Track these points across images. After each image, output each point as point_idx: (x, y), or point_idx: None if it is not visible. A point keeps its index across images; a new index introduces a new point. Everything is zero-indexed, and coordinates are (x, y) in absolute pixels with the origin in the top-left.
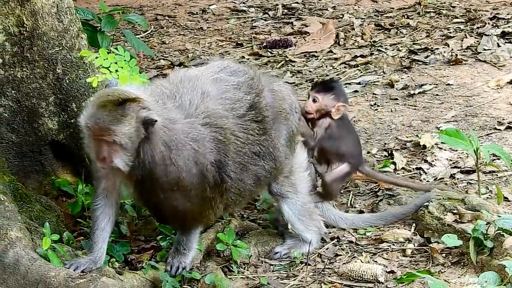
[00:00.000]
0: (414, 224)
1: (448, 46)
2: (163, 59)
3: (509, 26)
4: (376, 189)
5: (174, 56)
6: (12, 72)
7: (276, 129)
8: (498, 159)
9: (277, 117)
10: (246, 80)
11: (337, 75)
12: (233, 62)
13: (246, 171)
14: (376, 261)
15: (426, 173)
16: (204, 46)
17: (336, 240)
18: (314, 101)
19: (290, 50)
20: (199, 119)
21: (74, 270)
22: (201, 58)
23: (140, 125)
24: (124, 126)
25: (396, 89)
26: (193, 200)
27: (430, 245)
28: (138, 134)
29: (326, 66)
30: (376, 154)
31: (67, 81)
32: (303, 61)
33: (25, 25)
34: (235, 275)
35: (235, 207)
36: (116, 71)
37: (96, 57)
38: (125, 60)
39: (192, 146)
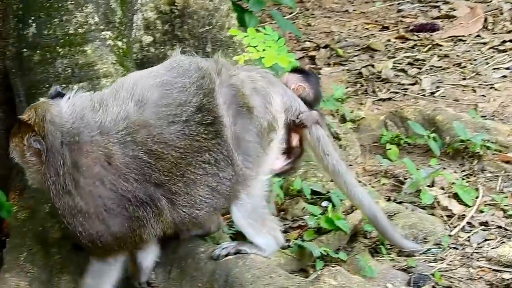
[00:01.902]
0: None
1: None
2: (309, 41)
3: None
4: None
5: (320, 38)
6: (163, 50)
7: (239, 127)
8: None
9: (238, 114)
10: (195, 80)
11: (485, 60)
12: (189, 58)
13: (194, 183)
14: None
15: None
16: (350, 29)
17: (484, 225)
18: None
19: (437, 34)
20: (116, 136)
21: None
22: (346, 40)
23: (30, 151)
24: (16, 153)
25: None
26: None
27: None
28: (32, 160)
29: (474, 51)
30: None
31: None
32: (451, 45)
33: (176, 3)
34: (383, 257)
35: (196, 221)
36: (264, 50)
37: (245, 36)
38: (273, 40)
39: (100, 169)
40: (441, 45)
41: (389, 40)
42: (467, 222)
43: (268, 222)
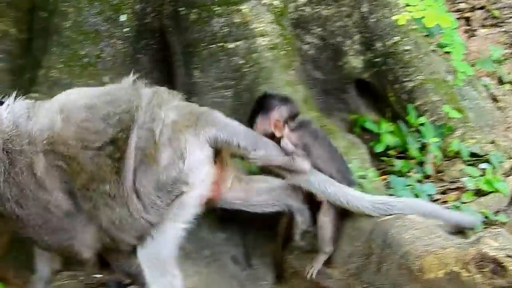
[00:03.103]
0: None
1: None
2: (464, 2)
3: None
4: None
5: (475, 0)
6: (318, 10)
7: (140, 174)
8: None
9: (143, 162)
10: (119, 112)
11: None
12: (129, 88)
13: (98, 210)
14: None
15: None
16: None
17: None
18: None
19: None
20: (40, 145)
21: None
22: (502, 1)
23: None
24: None
25: None
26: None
27: None
28: None
29: None
30: None
31: (373, 20)
32: None
33: None
34: None
35: (114, 247)
36: (424, 9)
37: None
38: None
39: (25, 178)
40: None
41: None
42: None
43: (169, 275)
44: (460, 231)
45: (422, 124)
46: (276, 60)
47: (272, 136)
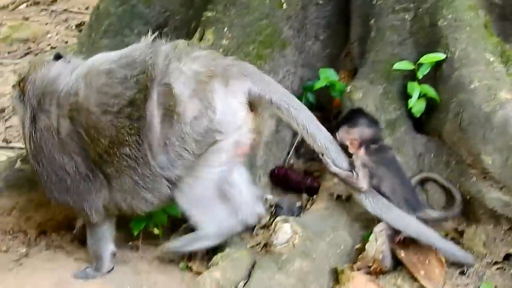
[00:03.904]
0: None
1: None
2: None
3: None
4: None
5: None
6: None
7: (165, 129)
8: None
9: (166, 116)
10: (136, 73)
11: None
12: (144, 48)
13: (121, 173)
14: None
15: None
16: None
17: None
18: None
19: None
20: (66, 109)
21: None
22: None
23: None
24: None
25: None
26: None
27: None
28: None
29: None
30: None
31: None
32: None
33: None
34: None
35: (133, 209)
36: None
37: None
38: None
39: (50, 138)
40: None
41: None
42: None
43: (217, 211)
44: None
45: None
46: None
47: (346, 149)
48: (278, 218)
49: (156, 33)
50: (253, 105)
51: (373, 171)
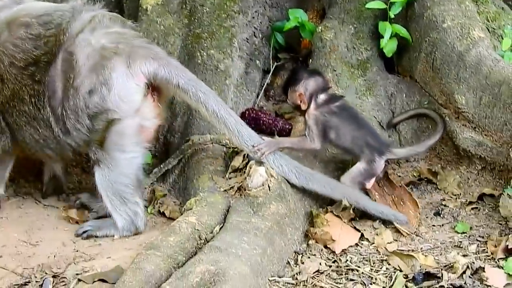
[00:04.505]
0: None
1: None
2: None
3: None
4: None
5: None
6: None
7: (64, 97)
8: None
9: (66, 85)
10: (48, 34)
11: None
12: (65, 10)
13: (20, 127)
14: None
15: None
16: None
17: None
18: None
19: None
20: None
21: None
22: None
23: None
24: None
25: None
26: None
27: None
28: None
29: None
30: None
31: None
32: None
33: None
34: None
35: (32, 153)
36: None
37: None
38: None
39: None
40: None
41: None
42: None
43: (130, 203)
44: None
45: None
46: None
47: (299, 109)
48: (252, 161)
49: None
50: (159, 89)
51: (327, 123)
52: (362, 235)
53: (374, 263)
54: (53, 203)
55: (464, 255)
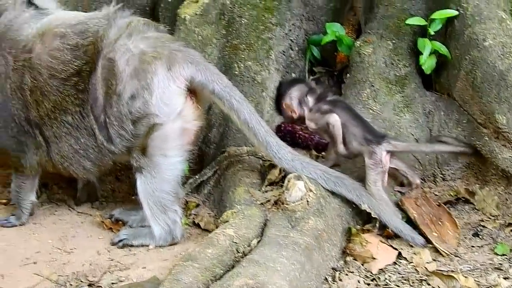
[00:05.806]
0: None
1: None
2: None
3: None
4: None
5: None
6: None
7: (107, 105)
8: None
9: (108, 92)
10: (86, 43)
11: None
12: (100, 19)
13: (59, 138)
14: None
15: None
16: None
17: None
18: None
19: None
20: (18, 61)
21: None
22: None
23: None
24: None
25: None
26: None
27: None
28: None
29: None
30: None
31: None
32: None
33: None
34: None
35: (69, 172)
36: None
37: None
38: None
39: (2, 80)
40: None
41: None
42: None
43: (169, 212)
44: None
45: None
46: None
47: (298, 119)
48: (290, 175)
49: (120, 5)
50: (195, 93)
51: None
52: (399, 253)
53: (413, 282)
54: (86, 210)
55: (505, 278)
